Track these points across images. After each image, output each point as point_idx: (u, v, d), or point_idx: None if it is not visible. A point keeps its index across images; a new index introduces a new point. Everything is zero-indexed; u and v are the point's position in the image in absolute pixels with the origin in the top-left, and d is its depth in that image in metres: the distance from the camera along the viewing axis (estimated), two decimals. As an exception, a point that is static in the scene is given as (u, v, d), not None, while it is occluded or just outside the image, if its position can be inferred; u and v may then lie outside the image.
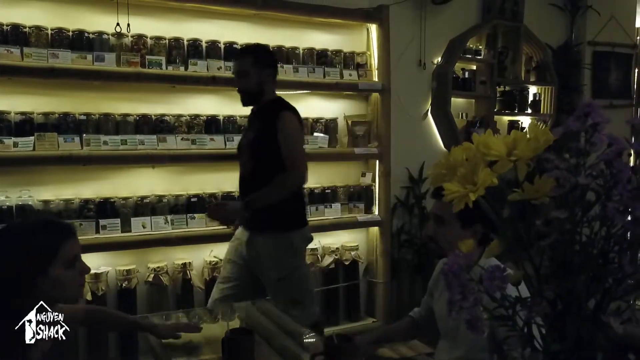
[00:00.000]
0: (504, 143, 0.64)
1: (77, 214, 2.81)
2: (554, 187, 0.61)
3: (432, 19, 3.87)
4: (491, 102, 4.05)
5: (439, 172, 0.71)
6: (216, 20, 3.16)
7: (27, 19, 2.72)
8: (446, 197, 0.65)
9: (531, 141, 0.63)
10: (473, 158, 0.66)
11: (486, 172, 0.62)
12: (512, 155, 0.62)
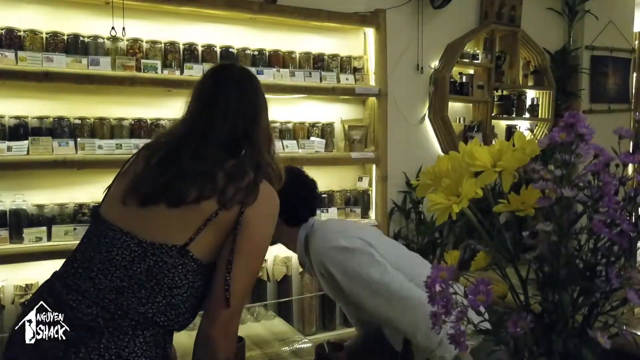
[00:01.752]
0: (489, 153, 0.63)
1: (71, 218, 2.79)
2: (540, 199, 0.60)
3: (429, 23, 3.86)
4: (489, 107, 4.04)
5: (424, 182, 0.69)
6: (212, 24, 3.15)
7: (22, 23, 2.71)
8: (429, 209, 0.64)
9: (517, 152, 0.62)
10: (458, 168, 0.65)
11: (470, 183, 0.61)
12: (497, 166, 0.61)
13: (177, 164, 1.32)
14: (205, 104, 1.44)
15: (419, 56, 3.84)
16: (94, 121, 2.84)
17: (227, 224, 1.25)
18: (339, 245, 1.59)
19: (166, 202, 1.26)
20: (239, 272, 1.22)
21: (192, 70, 2.95)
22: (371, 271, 1.55)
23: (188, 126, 1.43)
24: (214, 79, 1.49)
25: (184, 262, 1.23)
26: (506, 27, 4.07)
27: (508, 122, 4.28)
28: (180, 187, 1.26)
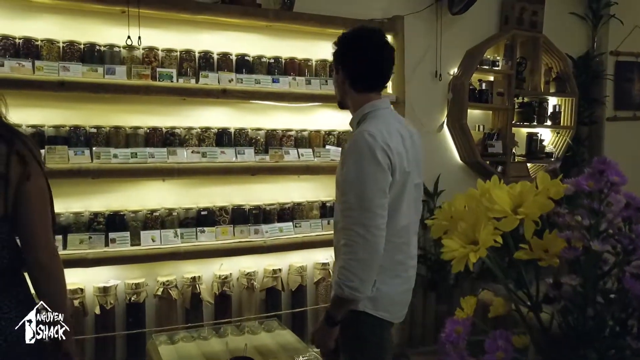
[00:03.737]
0: (510, 196, 0.58)
1: (86, 227, 2.80)
2: (565, 250, 0.55)
3: (448, 30, 3.79)
4: (509, 114, 3.95)
5: (439, 222, 0.65)
6: (228, 32, 3.13)
7: (39, 32, 2.72)
8: (444, 255, 0.59)
9: (540, 195, 0.57)
10: (475, 211, 0.60)
11: (489, 230, 0.56)
12: (519, 213, 0.56)
13: None
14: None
15: (437, 63, 3.77)
16: (109, 130, 2.84)
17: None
18: (368, 143, 1.61)
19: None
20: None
21: (208, 79, 2.94)
22: (356, 178, 1.61)
23: None
24: None
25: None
26: (527, 33, 3.98)
27: (529, 129, 4.19)
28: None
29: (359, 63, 1.77)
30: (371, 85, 1.80)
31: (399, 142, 1.69)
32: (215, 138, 3.06)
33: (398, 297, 1.77)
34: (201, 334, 2.65)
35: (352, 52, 1.79)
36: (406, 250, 1.77)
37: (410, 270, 1.82)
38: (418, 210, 1.83)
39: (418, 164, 1.79)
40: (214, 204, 3.10)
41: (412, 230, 1.81)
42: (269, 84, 3.08)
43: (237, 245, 3.03)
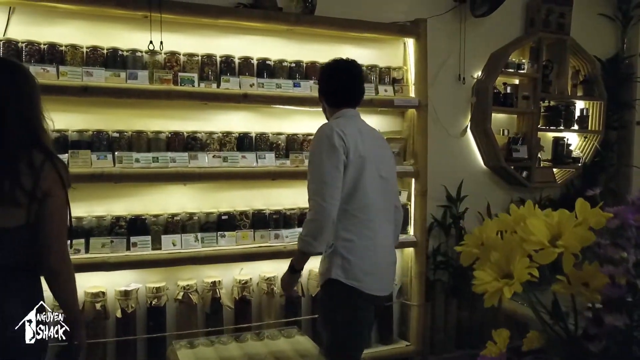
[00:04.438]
0: (547, 226, 0.54)
1: (108, 230, 2.82)
2: (608, 287, 0.51)
3: (472, 32, 3.73)
4: (534, 118, 3.86)
5: (469, 250, 0.61)
6: (249, 36, 3.12)
7: (64, 38, 2.74)
8: (476, 288, 0.56)
9: (580, 226, 0.53)
10: (509, 241, 0.57)
11: (524, 263, 0.53)
12: (558, 246, 0.52)
13: None
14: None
15: (460, 66, 3.71)
16: (131, 134, 2.86)
17: None
18: (326, 132, 1.98)
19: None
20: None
21: (229, 83, 2.93)
22: (316, 159, 1.97)
23: None
24: None
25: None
26: (554, 35, 3.89)
27: (555, 134, 4.09)
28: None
29: (328, 88, 2.19)
30: (339, 102, 2.16)
31: (355, 132, 2.02)
32: (236, 142, 3.05)
33: (369, 268, 2.00)
34: (220, 340, 2.65)
35: (323, 79, 2.23)
36: (373, 228, 2.02)
37: (380, 248, 2.05)
38: (387, 200, 2.12)
39: (385, 161, 2.12)
40: (234, 209, 3.10)
41: (381, 216, 2.07)
42: (290, 88, 3.06)
43: (258, 250, 3.02)
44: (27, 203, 1.52)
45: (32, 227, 1.54)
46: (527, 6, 3.93)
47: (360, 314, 2.03)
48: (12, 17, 2.68)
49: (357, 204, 1.99)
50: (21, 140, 1.56)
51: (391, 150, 2.24)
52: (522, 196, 3.99)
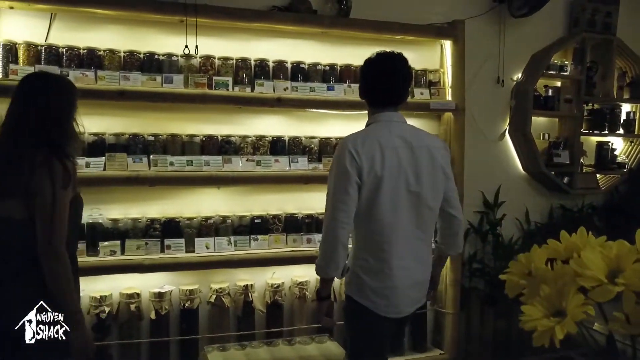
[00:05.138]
0: (604, 260, 0.49)
1: (143, 233, 2.85)
2: (675, 331, 0.46)
3: (511, 33, 3.61)
4: (577, 122, 3.72)
5: (515, 280, 0.57)
6: (283, 39, 3.11)
7: (102, 43, 2.79)
8: (524, 324, 0.51)
9: (642, 261, 0.48)
10: (561, 274, 0.52)
11: (578, 301, 0.48)
12: (617, 283, 0.47)
13: None
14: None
15: (499, 68, 3.61)
16: (166, 138, 2.88)
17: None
18: (339, 151, 1.92)
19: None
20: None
21: (263, 87, 2.92)
22: (329, 178, 1.95)
23: None
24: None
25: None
26: (599, 36, 3.73)
27: (599, 138, 3.93)
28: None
29: (365, 86, 2.06)
30: (376, 103, 2.04)
31: (374, 148, 1.89)
32: (270, 146, 3.04)
33: (382, 291, 1.94)
34: (251, 344, 2.64)
35: (362, 76, 2.08)
36: (389, 250, 1.92)
37: (396, 270, 1.94)
38: (418, 216, 1.96)
39: (421, 174, 1.94)
40: (267, 212, 3.09)
41: (404, 235, 1.95)
42: (323, 91, 3.03)
43: (290, 255, 3.00)
44: (24, 198, 1.67)
45: (33, 222, 1.67)
46: (570, 6, 3.79)
47: (375, 330, 2.00)
48: (53, 23, 2.74)
49: (372, 225, 1.92)
50: (32, 142, 1.70)
51: (439, 159, 1.99)
52: (563, 203, 3.85)
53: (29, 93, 1.77)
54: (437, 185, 1.98)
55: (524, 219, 3.76)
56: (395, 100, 2.01)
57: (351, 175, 1.86)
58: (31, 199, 1.67)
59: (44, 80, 1.81)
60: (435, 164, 1.97)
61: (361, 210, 1.91)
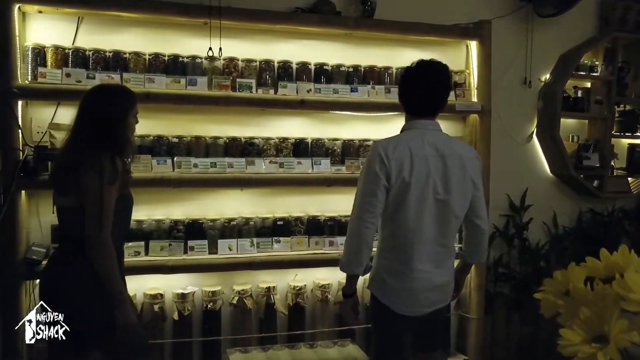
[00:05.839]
0: (650, 283, 0.46)
1: (167, 234, 2.87)
2: None
3: (539, 33, 3.54)
4: (608, 124, 3.62)
5: (551, 300, 0.54)
6: (306, 40, 3.09)
7: (128, 45, 2.82)
8: (562, 349, 0.48)
9: (692, 284, 0.45)
10: (602, 296, 0.49)
11: (622, 326, 0.45)
12: (664, 308, 0.44)
13: None
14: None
15: (526, 69, 3.53)
16: (190, 140, 2.90)
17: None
18: (371, 154, 1.98)
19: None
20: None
21: (286, 89, 2.92)
22: (359, 180, 2.00)
23: None
24: None
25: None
26: (631, 35, 3.62)
27: (631, 140, 3.81)
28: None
29: (403, 93, 2.09)
30: (411, 111, 2.07)
31: (405, 154, 1.93)
32: (292, 148, 3.04)
33: (401, 291, 2.00)
34: (273, 348, 2.64)
35: (401, 83, 2.10)
36: (410, 254, 1.97)
37: (416, 273, 1.98)
38: (443, 223, 1.99)
39: (451, 182, 1.95)
40: (289, 214, 3.08)
41: (427, 240, 1.98)
42: (347, 93, 3.01)
43: (312, 257, 2.99)
44: (78, 191, 1.91)
45: (83, 210, 1.90)
46: (601, 4, 3.69)
47: (395, 328, 2.06)
48: (80, 26, 2.78)
49: (397, 228, 1.97)
50: (88, 146, 1.94)
51: (469, 169, 2.00)
52: (593, 207, 3.75)
53: (84, 104, 2.03)
54: (465, 195, 2.01)
55: (551, 223, 3.68)
56: (433, 110, 2.04)
57: (380, 179, 1.91)
58: (83, 191, 1.89)
59: (98, 92, 2.05)
60: (465, 173, 1.99)
61: (387, 213, 1.96)
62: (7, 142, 2.57)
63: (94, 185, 1.89)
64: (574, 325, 0.49)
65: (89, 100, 2.03)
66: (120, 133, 2.02)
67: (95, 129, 1.97)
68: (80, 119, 2.02)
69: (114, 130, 1.99)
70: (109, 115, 1.99)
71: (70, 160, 1.96)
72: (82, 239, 1.90)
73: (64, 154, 2.03)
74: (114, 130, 1.99)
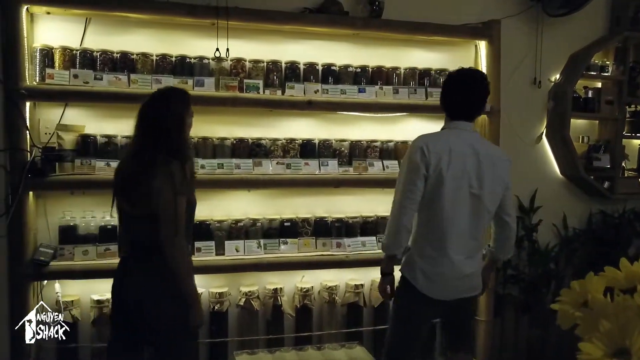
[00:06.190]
0: (674, 295, 0.44)
1: (174, 235, 2.86)
2: None
3: (549, 33, 3.50)
4: (619, 124, 3.58)
5: (568, 311, 0.52)
6: (314, 41, 3.08)
7: (135, 46, 2.81)
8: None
9: None
10: (623, 308, 0.47)
11: (646, 341, 0.43)
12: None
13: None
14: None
15: (536, 69, 3.49)
16: (197, 140, 2.89)
17: None
18: (412, 147, 2.13)
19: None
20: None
21: (293, 90, 2.90)
22: (401, 170, 2.18)
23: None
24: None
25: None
26: (643, 34, 3.58)
27: (642, 141, 3.77)
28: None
29: (444, 99, 2.22)
30: (453, 115, 2.19)
31: (444, 149, 2.08)
32: (300, 149, 3.02)
33: (431, 275, 2.14)
34: (280, 350, 2.62)
35: (442, 89, 2.26)
36: (444, 242, 2.11)
37: (447, 260, 2.12)
38: (477, 218, 2.14)
39: (485, 180, 2.10)
40: (297, 215, 3.07)
41: (460, 232, 2.12)
42: (354, 94, 2.99)
43: (319, 259, 2.97)
44: (148, 197, 1.93)
45: (156, 216, 1.93)
46: (612, 3, 3.65)
47: (416, 306, 2.19)
48: (88, 27, 2.78)
49: (433, 217, 2.10)
50: (153, 150, 1.98)
51: (501, 169, 2.17)
52: (603, 208, 3.71)
53: (143, 110, 2.06)
54: (496, 192, 2.16)
55: (561, 225, 3.64)
56: (471, 114, 2.20)
57: (420, 169, 2.06)
58: (155, 199, 1.93)
59: (154, 97, 2.09)
60: (496, 172, 2.14)
61: (424, 201, 2.11)
62: (15, 143, 2.58)
63: (166, 192, 1.93)
64: (594, 338, 0.47)
65: (145, 106, 2.07)
66: (182, 134, 2.07)
67: (155, 135, 2.00)
68: (139, 126, 2.06)
69: (174, 132, 2.03)
70: (165, 120, 2.02)
71: (138, 169, 1.99)
72: (152, 243, 1.95)
73: (130, 162, 2.05)
74: (174, 131, 2.03)
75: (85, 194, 2.80)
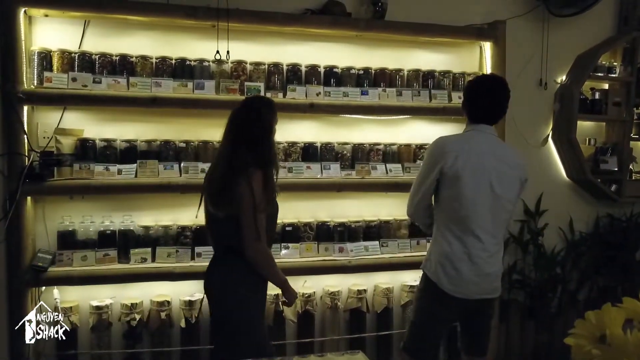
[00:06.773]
0: None
1: (174, 240, 2.82)
2: None
3: (555, 33, 3.44)
4: (627, 126, 3.52)
5: (585, 347, 0.47)
6: (316, 42, 3.04)
7: (134, 49, 2.78)
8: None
9: None
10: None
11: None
12: None
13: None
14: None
15: (542, 70, 3.44)
16: (197, 144, 2.85)
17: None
18: (431, 145, 2.24)
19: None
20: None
21: (295, 93, 2.86)
22: (420, 170, 2.26)
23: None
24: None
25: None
26: (651, 35, 3.52)
27: (650, 143, 3.71)
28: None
29: (465, 104, 2.30)
30: (474, 119, 2.26)
31: (462, 149, 2.14)
32: (302, 152, 2.98)
33: (451, 272, 2.16)
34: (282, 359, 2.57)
35: (465, 94, 2.33)
36: (465, 240, 2.15)
37: (470, 258, 2.15)
38: (497, 216, 2.18)
39: (504, 180, 2.16)
40: (298, 219, 3.02)
41: (483, 229, 2.15)
42: (357, 96, 2.95)
43: (322, 264, 2.93)
44: (231, 201, 2.04)
45: (236, 219, 2.05)
46: (620, 3, 3.58)
47: (434, 306, 2.23)
48: (86, 30, 2.75)
49: (454, 214, 2.15)
50: (239, 157, 2.07)
51: (519, 173, 2.22)
52: (611, 212, 3.65)
53: (235, 118, 2.17)
54: (513, 193, 2.22)
55: (567, 229, 3.58)
56: (491, 119, 2.25)
57: (434, 166, 2.15)
58: (236, 202, 2.04)
59: (242, 107, 2.19)
60: (514, 173, 2.20)
61: (444, 200, 2.17)
62: (13, 147, 2.55)
63: (248, 199, 2.02)
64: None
65: (234, 115, 2.18)
66: (266, 144, 2.14)
67: (246, 142, 2.09)
68: (229, 132, 2.15)
69: (260, 140, 2.12)
70: (256, 129, 2.12)
71: (226, 172, 2.08)
72: (236, 245, 2.08)
73: (219, 166, 2.13)
74: (260, 139, 2.12)
75: (84, 199, 2.77)
